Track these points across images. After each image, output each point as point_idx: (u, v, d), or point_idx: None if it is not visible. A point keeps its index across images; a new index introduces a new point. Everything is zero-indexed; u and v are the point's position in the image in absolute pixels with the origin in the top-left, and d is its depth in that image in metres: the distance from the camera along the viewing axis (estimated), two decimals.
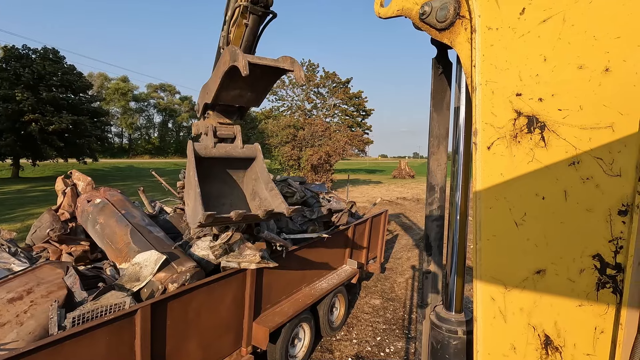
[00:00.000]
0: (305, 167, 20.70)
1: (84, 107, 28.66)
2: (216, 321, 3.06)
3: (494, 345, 1.11)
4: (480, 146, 1.08)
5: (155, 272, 2.86)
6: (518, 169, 1.02)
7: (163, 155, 70.39)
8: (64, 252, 3.78)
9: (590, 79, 0.89)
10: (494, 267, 1.09)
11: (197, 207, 2.44)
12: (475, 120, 1.08)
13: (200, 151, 2.74)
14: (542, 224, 0.99)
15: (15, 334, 2.18)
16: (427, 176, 1.58)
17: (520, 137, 1.00)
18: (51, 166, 31.40)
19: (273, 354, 3.71)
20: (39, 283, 2.56)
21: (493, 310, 1.10)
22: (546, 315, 1.00)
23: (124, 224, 3.52)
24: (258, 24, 2.92)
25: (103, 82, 66.46)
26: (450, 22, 1.12)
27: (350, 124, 29.22)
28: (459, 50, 1.13)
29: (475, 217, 1.10)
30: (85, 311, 2.28)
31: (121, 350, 2.34)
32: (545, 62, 0.95)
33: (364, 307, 5.76)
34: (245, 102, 2.79)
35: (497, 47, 1.03)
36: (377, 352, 4.50)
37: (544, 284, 1.00)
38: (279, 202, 2.78)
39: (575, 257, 0.94)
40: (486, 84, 1.06)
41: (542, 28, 0.95)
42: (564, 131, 0.94)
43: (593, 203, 0.91)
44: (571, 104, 0.92)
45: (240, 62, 2.14)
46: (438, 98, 1.50)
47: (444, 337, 1.37)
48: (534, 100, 0.98)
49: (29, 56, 26.33)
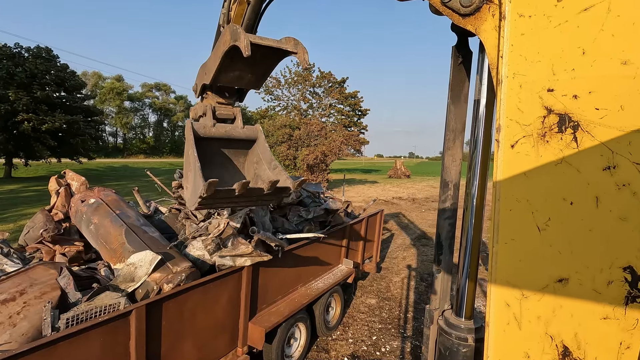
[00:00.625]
0: (301, 167, 20.69)
1: (78, 106, 28.43)
2: (212, 321, 3.05)
3: (505, 352, 1.06)
4: (504, 144, 1.01)
5: (150, 273, 2.84)
6: (545, 171, 0.96)
7: (158, 155, 69.92)
8: (58, 252, 3.75)
9: (635, 76, 0.82)
10: (511, 271, 1.04)
11: (198, 181, 2.31)
12: (499, 115, 1.00)
13: (200, 130, 2.62)
14: (568, 231, 0.94)
15: (8, 336, 2.16)
16: (442, 172, 1.50)
17: (550, 136, 0.94)
18: (44, 166, 31.09)
19: (269, 354, 3.71)
20: (32, 284, 2.53)
21: (507, 316, 1.05)
22: (566, 325, 0.96)
23: (118, 224, 3.49)
24: (261, 2, 2.78)
25: (97, 81, 65.93)
26: (476, 7, 1.03)
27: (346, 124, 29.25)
28: (484, 38, 1.05)
29: (494, 218, 1.05)
30: (80, 312, 2.26)
31: (116, 351, 2.32)
32: (584, 55, 0.87)
33: (360, 306, 5.77)
34: (245, 84, 2.69)
35: (528, 37, 0.94)
36: (373, 351, 4.51)
37: (565, 293, 0.95)
38: (284, 178, 2.62)
39: (604, 268, 0.89)
40: (514, 77, 0.97)
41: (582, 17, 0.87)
42: (600, 132, 0.87)
43: (628, 211, 0.85)
44: (611, 103, 0.85)
45: (242, 41, 2.02)
46: (456, 90, 1.42)
47: (453, 344, 1.32)
48: (568, 97, 0.90)
49: (21, 55, 26.05)
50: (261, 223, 4.08)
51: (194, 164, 2.46)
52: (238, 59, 2.33)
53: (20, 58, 25.52)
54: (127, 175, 30.70)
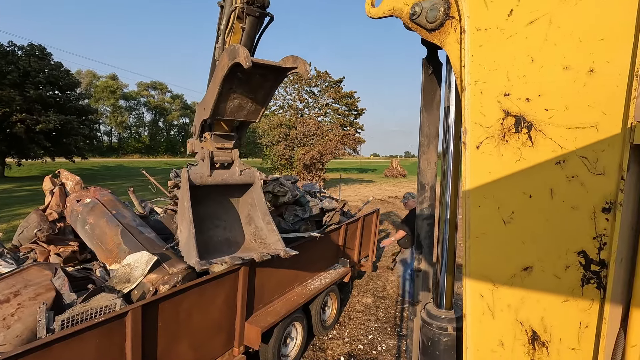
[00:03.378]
0: (298, 167, 20.67)
1: (72, 105, 28.15)
2: (208, 322, 3.04)
3: (482, 341, 1.13)
4: (470, 145, 1.10)
5: (147, 274, 2.83)
6: (506, 168, 1.04)
7: (153, 154, 69.53)
8: (52, 252, 3.72)
9: (575, 79, 0.91)
10: (483, 264, 1.11)
11: (191, 249, 2.39)
12: (465, 119, 1.10)
13: (196, 180, 2.65)
14: (529, 222, 1.01)
15: (2, 338, 2.14)
16: (418, 175, 1.59)
17: (508, 136, 1.03)
18: (38, 165, 30.80)
19: (265, 354, 3.71)
20: (27, 285, 2.51)
21: (482, 306, 1.12)
22: (533, 311, 1.03)
23: (114, 225, 3.47)
24: (255, 28, 2.83)
25: (92, 80, 65.39)
26: (440, 23, 1.14)
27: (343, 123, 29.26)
28: (448, 50, 1.15)
29: (464, 215, 1.12)
30: (75, 313, 2.25)
31: (112, 353, 2.31)
32: (532, 62, 0.97)
33: (356, 305, 5.79)
34: (245, 115, 2.67)
35: (485, 48, 1.05)
36: (369, 350, 4.53)
37: (530, 281, 1.02)
38: (275, 240, 2.72)
39: (561, 254, 0.96)
40: (475, 84, 1.07)
41: (529, 29, 0.97)
42: (550, 131, 0.96)
43: (578, 201, 0.93)
44: (557, 104, 0.94)
45: (242, 54, 2.03)
46: (428, 98, 1.51)
47: (435, 334, 1.39)
48: (522, 100, 1.00)
49: (14, 53, 25.75)
50: None
51: (188, 215, 2.48)
52: (237, 85, 2.31)
53: (13, 56, 25.23)
54: (122, 174, 30.50)
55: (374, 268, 7.22)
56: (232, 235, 2.98)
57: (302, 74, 2.29)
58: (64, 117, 25.79)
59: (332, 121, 28.80)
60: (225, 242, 2.96)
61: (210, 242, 2.87)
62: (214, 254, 2.74)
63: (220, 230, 2.96)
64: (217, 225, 2.97)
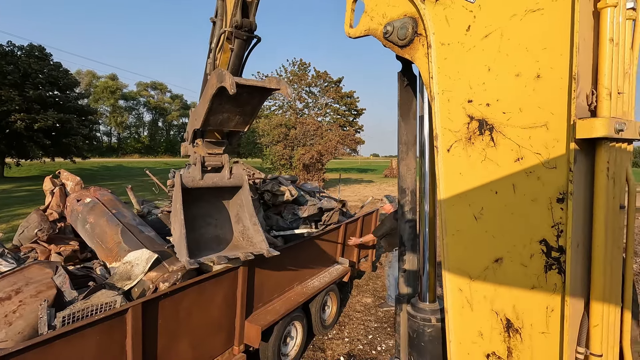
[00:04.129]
0: (297, 167, 20.69)
1: (71, 104, 28.15)
2: (208, 320, 3.05)
3: (463, 333, 1.19)
4: (441, 149, 1.19)
5: (147, 271, 2.84)
6: (474, 168, 1.13)
7: (153, 154, 69.48)
8: (53, 252, 3.73)
9: (525, 85, 1.01)
10: (460, 259, 1.18)
11: (182, 248, 2.58)
12: (435, 125, 1.20)
13: (188, 183, 2.83)
14: (496, 217, 1.09)
15: (4, 334, 2.16)
16: (398, 181, 1.68)
17: (474, 139, 1.12)
18: (37, 165, 30.80)
19: (265, 352, 3.72)
20: (28, 283, 2.52)
21: (461, 300, 1.18)
22: (506, 300, 1.10)
23: (114, 224, 3.49)
24: (243, 49, 3.05)
25: (91, 80, 65.37)
26: (410, 40, 1.25)
27: (342, 123, 29.27)
28: (418, 64, 1.26)
29: (440, 215, 1.21)
30: (76, 310, 2.26)
31: (112, 350, 2.32)
32: (489, 71, 1.07)
33: (356, 305, 5.80)
34: (234, 125, 2.86)
35: (449, 60, 1.15)
36: (368, 350, 4.54)
37: (502, 271, 1.10)
38: (259, 240, 2.95)
39: (526, 244, 1.04)
40: (442, 93, 1.18)
41: (484, 42, 1.08)
42: (509, 131, 1.06)
43: (536, 194, 1.01)
44: (512, 107, 1.04)
45: (227, 81, 2.19)
46: (405, 108, 1.62)
47: (419, 325, 1.47)
48: (483, 106, 1.11)
49: (14, 53, 25.75)
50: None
51: (180, 216, 2.68)
52: (226, 101, 2.49)
53: (13, 57, 25.23)
54: (122, 174, 30.50)
55: (374, 268, 7.23)
56: (222, 233, 3.16)
57: (285, 95, 2.48)
58: (63, 115, 25.77)
59: (332, 121, 28.83)
60: (216, 239, 3.12)
61: (201, 239, 3.03)
62: (205, 251, 2.90)
63: (212, 228, 3.14)
64: (209, 223, 3.15)
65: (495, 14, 1.05)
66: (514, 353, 1.08)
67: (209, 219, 3.14)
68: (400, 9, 1.26)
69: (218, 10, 3.00)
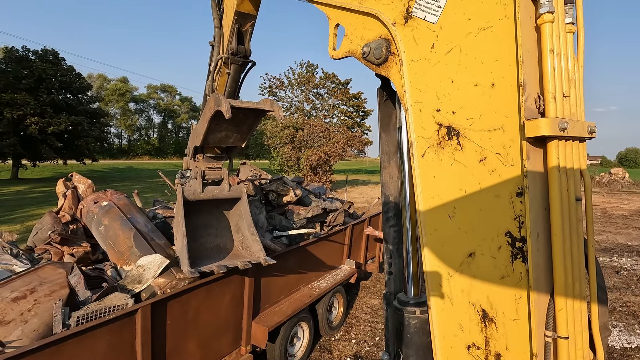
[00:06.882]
0: (305, 168, 20.74)
1: (83, 108, 28.68)
2: (215, 320, 3.10)
3: (446, 327, 1.27)
4: (416, 155, 1.30)
5: (157, 275, 2.91)
6: (445, 170, 1.24)
7: (162, 156, 70.33)
8: (66, 253, 3.83)
9: (483, 93, 1.14)
10: (438, 257, 1.27)
11: (184, 258, 2.71)
12: (410, 134, 1.32)
13: (189, 196, 3.00)
14: (467, 213, 1.19)
15: (20, 332, 2.23)
16: (381, 188, 1.79)
17: (444, 144, 1.23)
18: (50, 167, 31.43)
19: (272, 353, 3.76)
20: (42, 282, 2.61)
21: (442, 295, 1.27)
22: (480, 291, 1.18)
23: (127, 228, 3.57)
24: (239, 72, 3.25)
25: (102, 83, 66.45)
26: (384, 59, 1.38)
27: (350, 125, 29.27)
28: (393, 80, 1.38)
29: (419, 216, 1.31)
30: (90, 311, 2.33)
31: (122, 349, 2.39)
32: (453, 83, 1.20)
33: (363, 307, 5.81)
34: (232, 142, 3.03)
35: (419, 75, 1.29)
36: (375, 352, 4.55)
37: (475, 265, 1.18)
38: (257, 249, 3.09)
39: (494, 237, 1.13)
40: (415, 105, 1.30)
41: (447, 57, 1.21)
42: (472, 135, 1.17)
43: (499, 190, 1.11)
44: (474, 113, 1.16)
45: (223, 106, 2.35)
46: (385, 121, 1.75)
47: (405, 318, 1.55)
48: (449, 113, 1.22)
49: (28, 57, 26.33)
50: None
51: (181, 228, 2.81)
52: (223, 121, 2.63)
53: (28, 61, 25.81)
54: (132, 176, 30.94)
55: (381, 269, 7.23)
56: (222, 242, 3.31)
57: (277, 118, 2.63)
58: (74, 118, 26.28)
59: (339, 123, 28.84)
60: (216, 248, 3.26)
61: (202, 248, 3.18)
62: (206, 259, 3.05)
63: (212, 237, 3.30)
64: (209, 232, 3.31)
65: (454, 33, 1.19)
66: (491, 342, 1.15)
67: (209, 229, 3.30)
68: (375, 31, 1.42)
69: (216, 37, 3.20)
